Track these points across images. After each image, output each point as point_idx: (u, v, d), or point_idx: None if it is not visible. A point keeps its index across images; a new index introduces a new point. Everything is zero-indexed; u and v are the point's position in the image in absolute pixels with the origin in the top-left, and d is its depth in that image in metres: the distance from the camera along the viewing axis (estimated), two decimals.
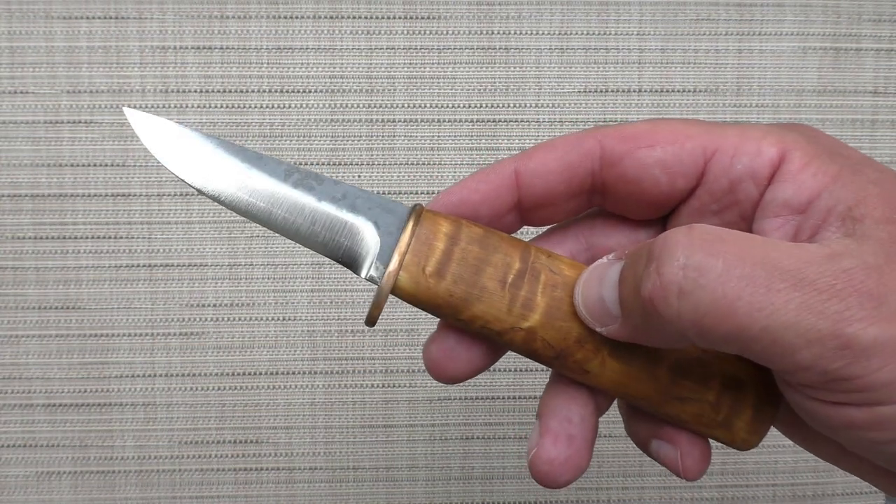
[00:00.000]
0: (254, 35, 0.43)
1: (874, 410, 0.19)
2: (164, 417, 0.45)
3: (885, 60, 0.45)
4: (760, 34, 0.45)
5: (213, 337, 0.45)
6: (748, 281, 0.19)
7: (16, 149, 0.44)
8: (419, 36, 0.44)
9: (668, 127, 0.23)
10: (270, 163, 0.24)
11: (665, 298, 0.19)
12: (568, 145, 0.24)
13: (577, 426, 0.24)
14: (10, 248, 0.44)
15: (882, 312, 0.18)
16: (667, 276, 0.19)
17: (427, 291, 0.23)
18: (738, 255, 0.19)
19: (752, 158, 0.22)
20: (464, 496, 0.46)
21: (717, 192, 0.23)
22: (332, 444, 0.46)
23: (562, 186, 0.24)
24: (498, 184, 0.24)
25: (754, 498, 0.47)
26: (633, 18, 0.44)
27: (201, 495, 0.46)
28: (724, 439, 0.24)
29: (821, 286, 0.18)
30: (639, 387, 0.24)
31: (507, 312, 0.23)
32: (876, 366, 0.18)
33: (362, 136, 0.44)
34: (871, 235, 0.19)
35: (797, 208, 0.22)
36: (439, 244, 0.23)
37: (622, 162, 0.23)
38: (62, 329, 0.45)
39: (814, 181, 0.21)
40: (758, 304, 0.18)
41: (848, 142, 0.45)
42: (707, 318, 0.19)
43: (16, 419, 0.45)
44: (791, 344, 0.19)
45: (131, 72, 0.43)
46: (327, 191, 0.24)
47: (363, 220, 0.24)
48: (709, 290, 0.19)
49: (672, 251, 0.19)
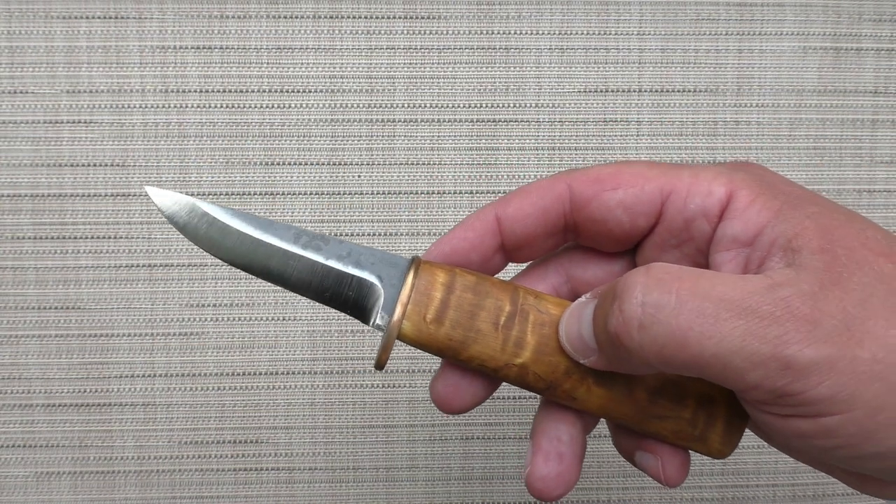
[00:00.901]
0: (254, 35, 0.43)
1: (819, 421, 0.21)
2: (163, 417, 0.45)
3: (885, 60, 0.45)
4: (760, 34, 0.45)
5: (213, 337, 0.45)
6: (698, 313, 0.21)
7: (16, 149, 0.44)
8: (419, 36, 0.44)
9: (630, 170, 0.26)
10: (281, 228, 0.27)
11: (628, 333, 0.22)
12: (541, 190, 0.27)
13: (566, 445, 0.27)
14: (10, 248, 0.44)
15: (816, 335, 0.20)
16: (627, 312, 0.22)
17: (428, 337, 0.26)
18: (689, 290, 0.21)
19: (703, 198, 0.25)
20: (464, 496, 0.46)
21: (675, 229, 0.26)
22: (332, 444, 0.46)
23: (539, 228, 0.27)
24: (482, 231, 0.27)
25: (754, 498, 0.47)
26: (633, 18, 0.44)
27: (201, 495, 0.46)
28: (702, 450, 0.27)
29: (762, 314, 0.21)
30: (621, 409, 0.26)
31: (501, 351, 0.26)
32: (815, 382, 0.20)
33: (362, 136, 0.44)
34: (808, 265, 0.22)
35: (745, 242, 0.24)
36: (437, 293, 0.26)
37: (589, 204, 0.26)
38: (62, 329, 0.45)
39: (758, 217, 0.24)
40: (707, 333, 0.21)
41: (848, 142, 0.45)
42: (666, 348, 0.21)
43: (16, 419, 0.45)
44: (739, 367, 0.21)
45: (131, 72, 0.43)
46: (333, 250, 0.27)
47: (368, 275, 0.27)
48: (664, 323, 0.21)
49: (631, 290, 0.22)
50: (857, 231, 0.23)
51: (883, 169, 0.46)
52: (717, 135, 0.45)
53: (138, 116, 0.44)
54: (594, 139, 0.45)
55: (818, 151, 0.45)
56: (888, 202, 0.46)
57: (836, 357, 0.20)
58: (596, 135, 0.45)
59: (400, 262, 0.27)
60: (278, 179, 0.44)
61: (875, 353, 0.20)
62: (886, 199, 0.46)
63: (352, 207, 0.45)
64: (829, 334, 0.20)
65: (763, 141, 0.45)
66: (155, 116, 0.44)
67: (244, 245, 0.26)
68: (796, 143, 0.45)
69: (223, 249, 0.27)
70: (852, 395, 0.20)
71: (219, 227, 0.27)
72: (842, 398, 0.20)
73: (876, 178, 0.46)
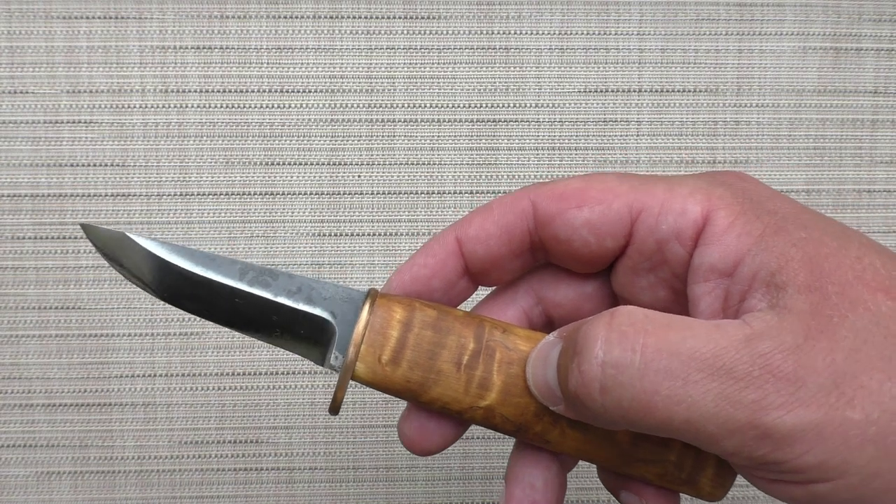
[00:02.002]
0: (254, 35, 0.43)
1: (809, 488, 0.19)
2: (164, 417, 0.45)
3: (885, 60, 0.45)
4: (760, 34, 0.45)
5: (213, 337, 0.45)
6: (665, 374, 0.19)
7: (16, 149, 0.44)
8: (419, 36, 0.44)
9: (598, 185, 0.24)
10: (225, 263, 0.25)
11: (589, 395, 0.20)
12: (503, 207, 0.24)
13: (540, 491, 0.25)
14: (10, 248, 0.44)
15: (800, 397, 0.18)
16: (587, 373, 0.20)
17: (384, 380, 0.24)
18: (655, 346, 0.19)
19: (676, 218, 0.22)
20: (464, 496, 0.47)
21: (647, 252, 0.23)
22: (332, 444, 0.46)
23: (503, 249, 0.25)
24: (443, 256, 0.25)
25: (754, 498, 0.47)
26: (633, 18, 0.44)
27: (201, 495, 0.46)
28: (691, 493, 0.25)
29: (738, 374, 0.18)
30: (601, 452, 0.24)
31: (465, 393, 0.24)
32: (800, 451, 0.18)
33: (362, 136, 0.44)
34: (792, 308, 0.19)
35: (724, 272, 0.22)
36: (393, 332, 0.24)
37: (553, 223, 0.24)
38: (62, 329, 0.45)
39: (738, 243, 0.21)
40: (676, 397, 0.19)
41: (848, 142, 0.45)
42: (631, 412, 0.19)
43: (16, 419, 0.45)
44: (712, 434, 0.19)
45: (131, 72, 0.43)
46: (283, 285, 0.24)
47: (320, 311, 0.24)
48: (627, 386, 0.19)
49: (591, 346, 0.20)
50: (852, 261, 0.20)
51: (883, 169, 0.46)
52: (717, 135, 0.45)
53: (138, 116, 0.44)
54: (594, 139, 0.45)
55: (818, 151, 0.45)
56: (888, 202, 0.46)
57: (822, 422, 0.18)
58: (596, 135, 0.45)
59: (355, 295, 0.25)
60: (278, 179, 0.44)
61: (868, 413, 0.18)
62: (886, 199, 0.46)
63: (352, 207, 0.45)
64: (814, 395, 0.18)
65: (763, 141, 0.45)
66: (155, 116, 0.44)
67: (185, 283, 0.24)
68: (796, 143, 0.45)
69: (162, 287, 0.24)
70: (844, 461, 0.18)
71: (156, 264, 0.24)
72: (832, 466, 0.18)
73: (876, 178, 0.46)
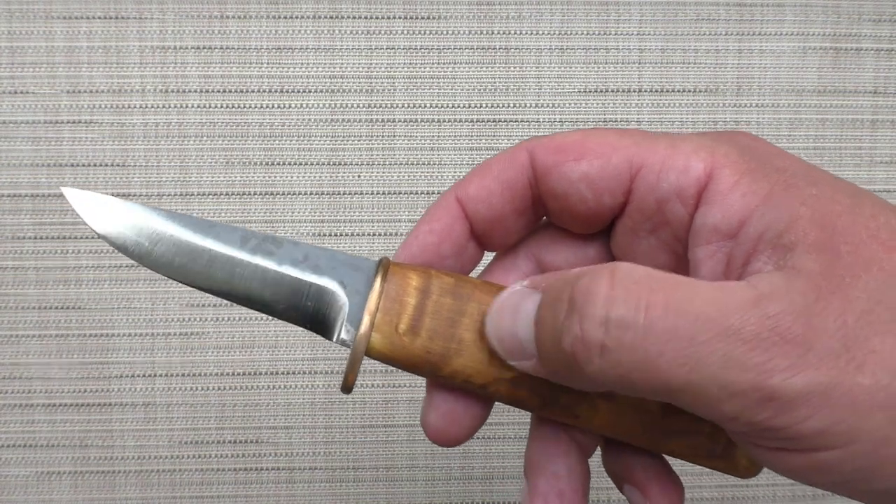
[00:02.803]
0: (254, 35, 0.43)
1: (813, 456, 0.18)
2: (164, 417, 0.45)
3: (885, 60, 0.45)
4: (760, 34, 0.45)
5: (213, 337, 0.45)
6: (671, 335, 0.18)
7: (16, 149, 0.44)
8: (419, 36, 0.44)
9: (598, 138, 0.22)
10: (224, 231, 0.23)
11: (587, 355, 0.19)
12: (502, 163, 0.23)
13: (565, 480, 0.23)
14: (10, 248, 0.44)
15: (808, 360, 0.18)
16: (589, 332, 0.18)
17: (403, 350, 0.22)
18: (661, 305, 0.18)
19: (677, 175, 0.21)
20: (464, 496, 0.46)
21: (647, 211, 0.22)
22: (332, 444, 0.46)
23: (506, 206, 0.24)
24: (447, 220, 0.24)
25: (754, 498, 0.47)
26: (633, 18, 0.44)
27: (201, 495, 0.46)
28: (726, 469, 0.24)
29: (745, 335, 0.18)
30: (631, 425, 0.23)
31: (489, 364, 0.22)
32: (804, 415, 0.18)
33: (362, 136, 0.44)
34: (802, 268, 0.18)
35: (727, 233, 0.20)
36: (410, 299, 0.22)
37: (550, 176, 0.23)
38: (62, 329, 0.45)
39: (742, 202, 0.20)
40: (681, 358, 0.18)
41: (848, 142, 0.45)
42: (629, 374, 0.18)
43: (16, 419, 0.45)
44: (714, 396, 0.18)
45: (131, 72, 0.43)
46: (287, 253, 0.23)
47: (328, 281, 0.23)
48: (630, 347, 0.18)
49: (594, 303, 0.19)
50: (867, 219, 0.19)
51: (883, 169, 0.46)
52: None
53: (138, 116, 0.44)
54: None
55: (818, 151, 0.45)
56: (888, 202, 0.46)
57: (829, 385, 0.17)
58: None
59: (365, 264, 0.23)
60: (278, 179, 0.44)
61: (879, 378, 0.18)
62: (886, 199, 0.46)
63: (352, 207, 0.45)
64: (823, 359, 0.18)
65: None
66: (155, 116, 0.44)
67: (181, 252, 0.23)
68: (796, 144, 0.45)
69: (153, 258, 0.23)
70: (851, 428, 0.18)
71: (149, 232, 0.23)
72: (838, 432, 0.18)
73: (876, 179, 0.46)
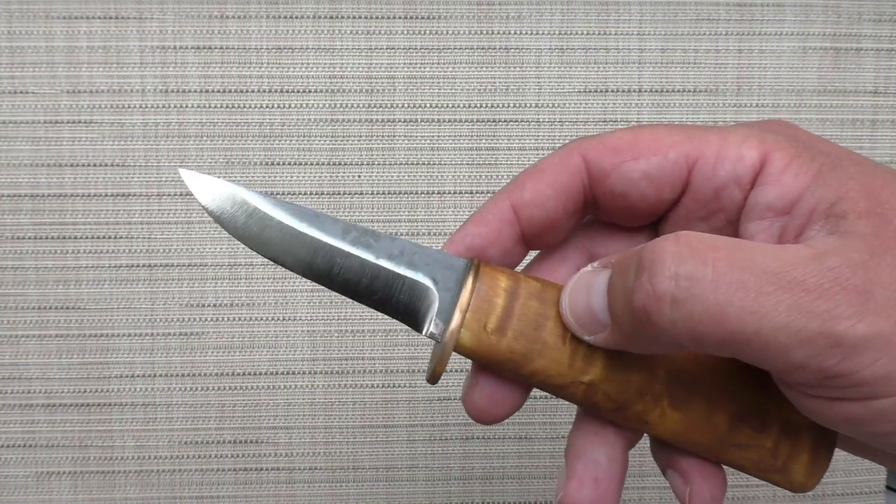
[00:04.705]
0: (254, 35, 0.43)
1: (871, 404, 0.19)
2: (164, 417, 0.45)
3: (885, 60, 0.45)
4: (760, 34, 0.45)
5: (213, 337, 0.45)
6: (738, 286, 0.19)
7: (16, 149, 0.44)
8: (419, 36, 0.44)
9: (649, 136, 0.24)
10: (328, 221, 0.24)
11: (658, 308, 0.20)
12: (555, 167, 0.24)
13: (603, 467, 0.24)
14: (10, 248, 0.44)
15: (869, 307, 0.19)
16: (659, 286, 0.20)
17: (489, 349, 0.23)
18: (726, 261, 0.19)
19: (734, 164, 0.23)
20: (464, 496, 0.46)
21: (703, 200, 0.24)
22: (332, 444, 0.46)
23: (560, 210, 0.24)
24: (497, 224, 0.25)
25: (754, 498, 0.47)
26: (633, 18, 0.44)
27: (201, 495, 0.46)
28: (783, 483, 0.24)
29: (809, 286, 0.19)
30: (698, 436, 0.24)
31: (569, 367, 0.23)
32: (868, 361, 0.19)
33: (362, 136, 0.44)
34: (854, 231, 0.20)
35: (781, 210, 0.22)
36: (499, 300, 0.23)
37: (609, 178, 0.24)
38: (62, 329, 0.45)
39: (795, 181, 0.22)
40: (749, 308, 0.19)
41: (848, 142, 0.45)
42: (701, 325, 0.19)
43: (16, 419, 0.45)
44: (784, 345, 0.19)
45: (131, 72, 0.43)
46: (384, 248, 0.24)
47: (422, 276, 0.24)
48: (701, 298, 0.19)
49: (662, 261, 0.20)
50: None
51: None
52: None
53: (138, 116, 0.44)
54: None
55: None
56: None
57: (891, 332, 0.19)
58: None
59: (457, 263, 0.24)
60: (278, 179, 0.44)
61: None
62: None
63: (352, 207, 0.45)
64: (882, 307, 0.19)
65: None
66: (155, 116, 0.44)
67: (286, 239, 0.24)
68: None
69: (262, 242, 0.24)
70: None
71: (258, 218, 0.24)
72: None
73: None
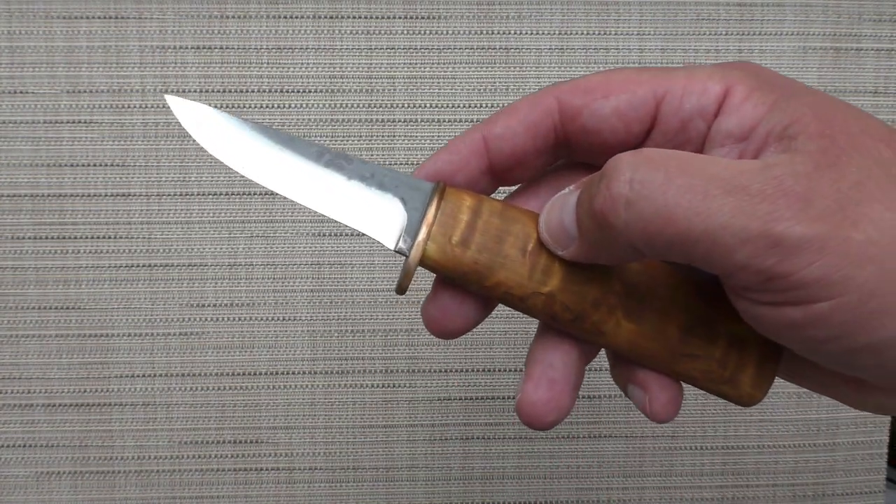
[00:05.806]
0: (254, 35, 0.43)
1: (809, 308, 0.20)
2: (163, 417, 0.45)
3: (885, 60, 0.45)
4: (760, 34, 0.45)
5: (213, 337, 0.45)
6: (687, 189, 0.21)
7: (16, 149, 0.44)
8: (419, 36, 0.44)
9: (620, 76, 0.25)
10: (303, 144, 0.26)
11: (614, 210, 0.21)
12: (528, 106, 0.26)
13: (558, 371, 0.26)
14: (10, 248, 0.44)
15: (808, 213, 0.20)
16: (615, 189, 0.21)
17: (454, 260, 0.25)
18: (678, 167, 0.21)
19: (699, 97, 0.24)
20: (464, 496, 0.46)
21: (670, 132, 0.25)
22: (332, 444, 0.46)
23: (528, 145, 0.26)
24: (467, 153, 0.26)
25: (754, 498, 0.47)
26: (633, 18, 0.44)
27: (201, 495, 0.46)
28: (732, 395, 0.26)
29: (753, 191, 0.20)
30: (651, 346, 0.26)
31: (528, 278, 0.25)
32: (805, 262, 0.20)
33: (362, 136, 0.44)
34: (803, 149, 0.21)
35: (740, 136, 0.24)
36: (463, 216, 0.25)
37: (581, 115, 0.25)
38: (62, 329, 0.45)
39: (754, 110, 0.23)
40: (696, 209, 0.20)
41: None
42: (651, 225, 0.21)
43: (16, 419, 0.45)
44: (727, 244, 0.20)
45: (131, 72, 0.43)
46: (356, 170, 0.26)
47: (391, 197, 0.26)
48: (651, 199, 0.21)
49: (620, 169, 0.22)
50: (857, 118, 0.22)
51: None
52: None
53: (138, 116, 0.44)
54: None
55: None
56: None
57: (827, 236, 0.20)
58: None
59: (424, 185, 0.26)
60: None
61: (870, 234, 0.20)
62: None
63: None
64: (821, 213, 0.20)
65: None
66: (155, 116, 0.44)
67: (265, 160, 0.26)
68: None
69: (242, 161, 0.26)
70: (844, 277, 0.20)
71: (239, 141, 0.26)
72: (833, 280, 0.20)
73: None
